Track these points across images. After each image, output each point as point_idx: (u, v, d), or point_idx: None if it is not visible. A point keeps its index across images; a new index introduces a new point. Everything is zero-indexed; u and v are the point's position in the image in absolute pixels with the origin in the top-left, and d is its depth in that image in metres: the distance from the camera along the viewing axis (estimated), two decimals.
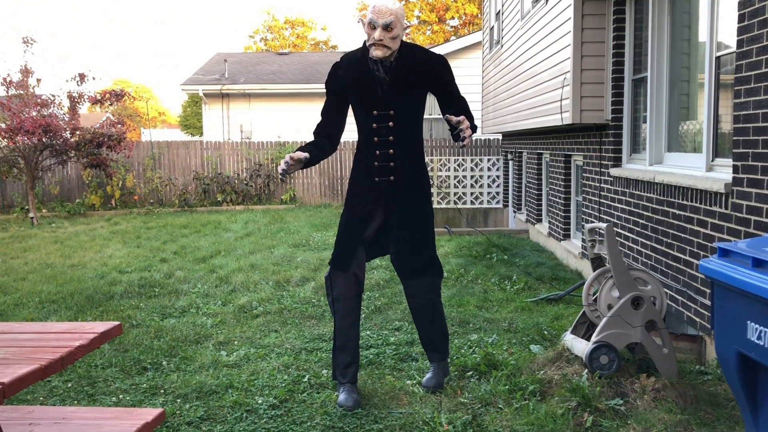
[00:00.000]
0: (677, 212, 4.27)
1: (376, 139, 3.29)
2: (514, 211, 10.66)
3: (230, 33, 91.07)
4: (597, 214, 6.05)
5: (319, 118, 3.44)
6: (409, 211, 3.33)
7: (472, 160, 12.12)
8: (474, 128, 3.10)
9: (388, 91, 3.22)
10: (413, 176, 3.35)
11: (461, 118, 2.89)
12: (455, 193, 12.11)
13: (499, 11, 9.95)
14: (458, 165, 12.13)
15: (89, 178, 13.56)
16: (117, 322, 1.87)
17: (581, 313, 3.82)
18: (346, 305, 3.27)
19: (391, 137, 3.27)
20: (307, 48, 44.32)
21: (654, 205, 4.69)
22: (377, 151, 3.30)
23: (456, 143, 2.85)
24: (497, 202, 12.07)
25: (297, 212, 12.51)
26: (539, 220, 8.76)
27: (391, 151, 3.29)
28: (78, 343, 1.65)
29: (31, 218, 11.52)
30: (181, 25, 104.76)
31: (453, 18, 36.01)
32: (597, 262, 3.86)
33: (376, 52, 3.11)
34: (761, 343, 1.66)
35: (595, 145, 6.07)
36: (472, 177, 12.10)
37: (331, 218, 11.54)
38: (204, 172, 14.14)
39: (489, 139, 13.89)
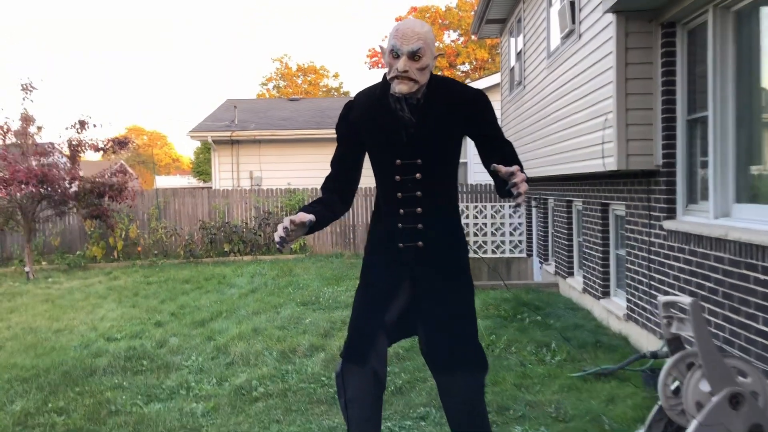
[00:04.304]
0: (761, 276, 3.53)
1: (399, 195, 2.61)
2: (541, 262, 9.89)
3: (243, 81, 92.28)
4: (647, 272, 5.30)
5: (328, 167, 2.78)
6: (442, 285, 2.62)
7: (492, 207, 11.44)
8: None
9: (415, 136, 2.55)
10: (447, 240, 2.65)
11: (514, 168, 2.20)
12: (475, 242, 11.38)
13: (521, 51, 9.40)
14: (478, 212, 11.45)
15: (91, 229, 12.98)
16: None
17: (657, 408, 3.05)
18: (364, 411, 2.54)
19: (418, 192, 2.59)
20: (320, 95, 44.39)
21: (726, 267, 3.95)
22: (401, 210, 2.62)
23: (509, 202, 2.14)
24: (520, 251, 11.32)
25: (307, 263, 11.81)
26: (571, 274, 8.00)
27: (419, 209, 2.60)
28: None
29: (27, 272, 10.90)
30: (196, 73, 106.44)
31: (464, 63, 35.88)
32: (674, 343, 3.10)
33: (399, 87, 2.45)
34: None
35: (642, 193, 5.36)
36: (492, 224, 11.40)
37: (342, 270, 10.82)
38: (211, 221, 13.53)
39: None
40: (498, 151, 2.56)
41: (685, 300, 2.85)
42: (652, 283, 5.20)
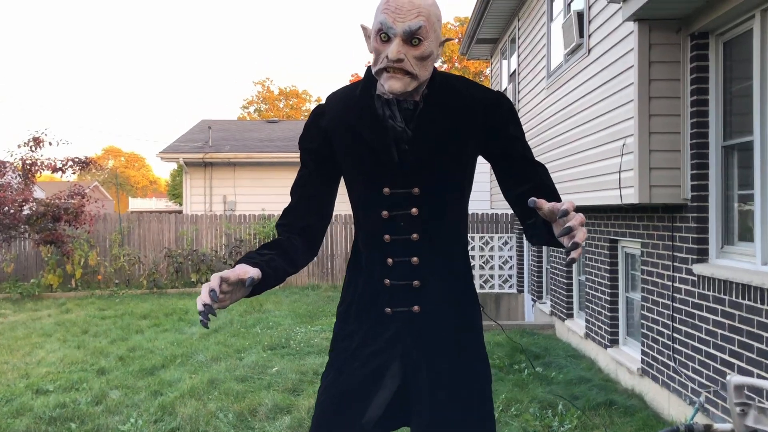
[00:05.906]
0: None
1: (387, 237, 1.82)
2: (534, 300, 9.14)
3: (225, 104, 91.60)
4: (669, 322, 4.56)
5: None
6: (447, 368, 1.82)
7: (481, 238, 10.70)
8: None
9: (411, 155, 1.77)
10: (454, 303, 1.86)
11: (568, 206, 1.44)
12: None
13: (514, 71, 8.75)
14: None
15: (48, 255, 11.99)
16: None
17: None
18: None
19: (414, 235, 1.80)
20: (302, 119, 43.90)
21: None
22: (390, 260, 1.82)
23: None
24: (510, 287, 10.57)
25: (280, 296, 10.93)
26: (570, 315, 7.25)
27: (415, 259, 1.81)
28: None
29: None
30: (175, 95, 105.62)
31: None
32: None
33: (390, 84, 1.68)
34: None
35: (663, 230, 4.64)
36: (481, 257, 10.65)
37: (318, 304, 9.97)
38: (178, 248, 12.60)
39: (497, 214, 12.52)
40: (528, 177, 1.80)
41: None
42: (677, 336, 4.45)
